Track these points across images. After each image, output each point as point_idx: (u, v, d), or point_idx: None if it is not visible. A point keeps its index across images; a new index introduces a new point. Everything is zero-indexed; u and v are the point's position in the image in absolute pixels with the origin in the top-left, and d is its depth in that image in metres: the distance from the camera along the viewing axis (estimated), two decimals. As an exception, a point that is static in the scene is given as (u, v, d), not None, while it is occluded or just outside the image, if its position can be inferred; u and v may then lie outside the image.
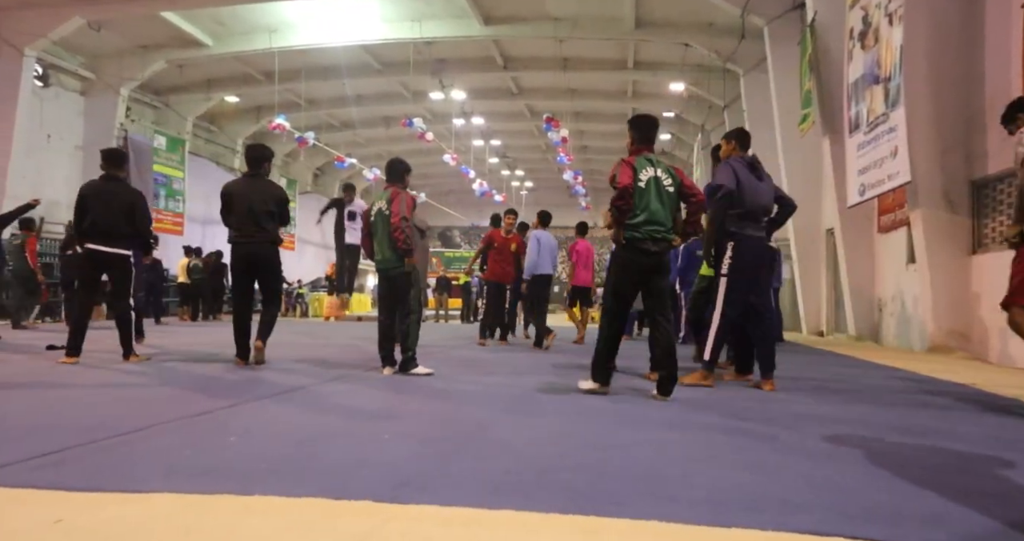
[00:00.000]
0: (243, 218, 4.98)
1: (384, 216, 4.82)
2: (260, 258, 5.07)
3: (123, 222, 5.11)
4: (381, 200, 4.92)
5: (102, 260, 5.12)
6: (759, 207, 4.23)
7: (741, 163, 4.27)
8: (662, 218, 3.80)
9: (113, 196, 5.12)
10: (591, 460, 2.33)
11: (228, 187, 5.20)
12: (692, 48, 14.00)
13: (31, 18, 12.57)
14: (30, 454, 2.24)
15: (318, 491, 1.88)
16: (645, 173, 3.86)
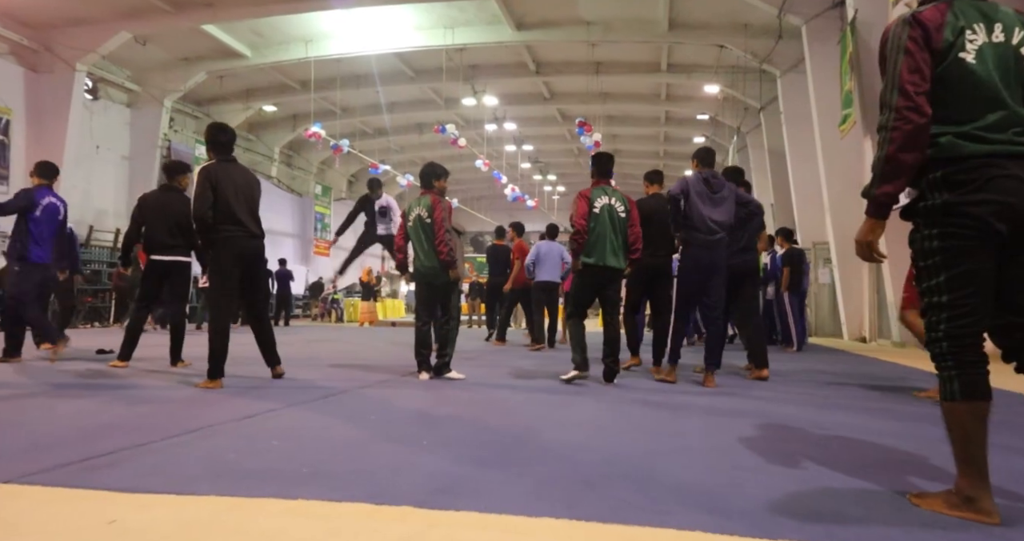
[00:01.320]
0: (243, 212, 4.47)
1: (425, 224, 4.81)
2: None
3: (178, 232, 5.20)
4: (420, 207, 4.86)
5: (164, 270, 5.22)
6: (710, 221, 4.64)
7: (697, 178, 4.73)
8: (613, 245, 4.64)
9: (168, 207, 5.24)
10: (633, 467, 2.30)
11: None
12: (727, 49, 13.81)
13: (82, 34, 13.10)
14: (85, 455, 2.31)
15: (360, 496, 1.90)
16: (600, 201, 4.66)
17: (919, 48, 1.82)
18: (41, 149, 13.48)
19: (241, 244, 4.36)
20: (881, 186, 1.89)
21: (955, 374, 1.79)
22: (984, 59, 1.81)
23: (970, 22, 1.82)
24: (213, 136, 4.49)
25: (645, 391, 4.38)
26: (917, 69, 1.81)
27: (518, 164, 24.78)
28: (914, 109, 1.79)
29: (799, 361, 7.01)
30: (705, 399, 4.03)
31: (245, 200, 4.39)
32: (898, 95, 1.82)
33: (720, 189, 4.75)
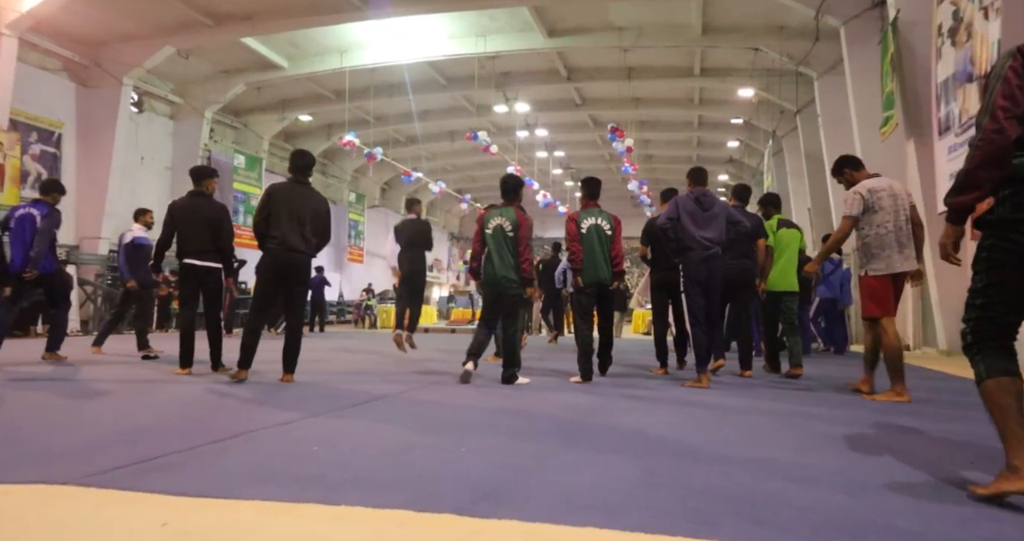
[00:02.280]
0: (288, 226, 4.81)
1: (507, 236, 5.02)
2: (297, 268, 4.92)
3: (209, 237, 5.30)
4: (502, 218, 5.05)
5: (197, 274, 5.30)
6: (703, 239, 4.99)
7: (688, 197, 5.13)
8: (600, 260, 5.22)
9: (198, 211, 5.34)
10: (678, 477, 2.26)
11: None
12: (762, 52, 13.61)
13: (129, 50, 13.59)
14: (137, 458, 2.38)
15: (401, 502, 1.91)
16: (586, 222, 5.25)
17: (1017, 76, 1.96)
18: (90, 161, 14.02)
19: (278, 257, 4.77)
20: (956, 196, 2.09)
21: (978, 358, 2.06)
22: None
23: None
24: (292, 159, 5.09)
25: (681, 397, 4.33)
26: (1011, 95, 1.95)
27: (549, 170, 24.78)
28: (999, 131, 1.95)
29: (839, 367, 6.82)
30: (742, 403, 3.96)
31: (296, 219, 4.77)
32: (988, 118, 1.97)
33: (711, 206, 5.09)
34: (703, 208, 5.06)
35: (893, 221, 4.21)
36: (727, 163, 24.78)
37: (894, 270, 4.22)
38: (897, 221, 4.22)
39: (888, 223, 4.21)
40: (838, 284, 9.39)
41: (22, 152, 12.16)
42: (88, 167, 14.00)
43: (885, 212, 4.22)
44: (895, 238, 4.20)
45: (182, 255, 5.31)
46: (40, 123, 12.87)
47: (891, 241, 4.20)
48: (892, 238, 4.20)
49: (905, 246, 4.23)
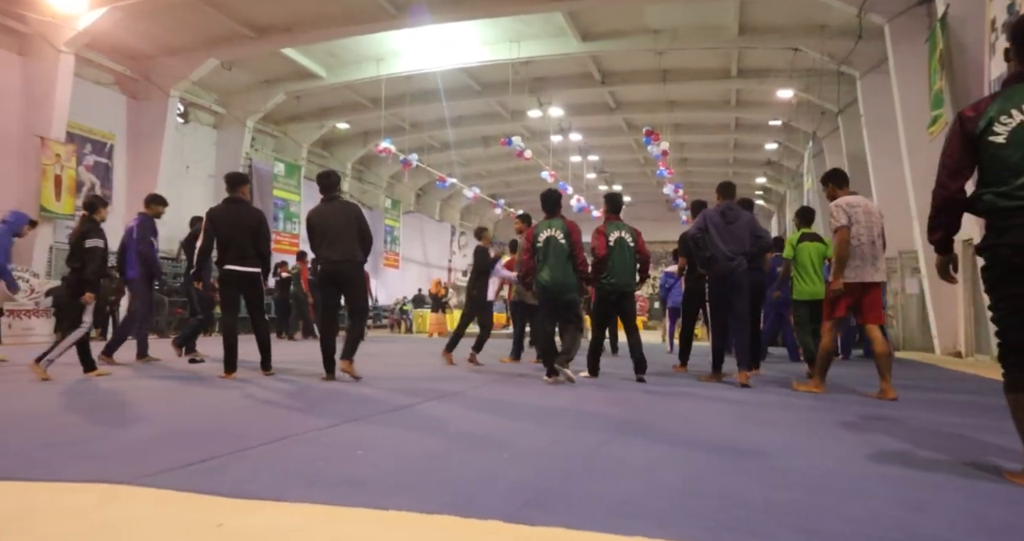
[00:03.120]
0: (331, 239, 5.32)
1: (559, 245, 5.41)
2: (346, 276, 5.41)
3: (249, 242, 5.43)
4: (553, 229, 5.46)
5: (238, 279, 5.43)
6: (728, 250, 5.32)
7: (716, 211, 5.47)
8: (626, 269, 5.64)
9: (238, 218, 5.45)
10: (722, 486, 2.22)
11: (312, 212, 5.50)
12: (802, 52, 13.33)
13: (175, 63, 14.07)
14: (189, 460, 2.45)
15: (447, 508, 1.92)
16: (613, 236, 5.68)
17: (957, 138, 2.46)
18: (139, 171, 14.54)
19: (326, 268, 5.33)
20: (930, 235, 2.62)
21: (1005, 372, 2.38)
22: (1014, 140, 2.34)
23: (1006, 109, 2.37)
24: (317, 181, 5.54)
25: (720, 402, 4.25)
26: (951, 155, 2.49)
27: (583, 174, 24.70)
28: (942, 186, 2.51)
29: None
30: (787, 413, 3.87)
31: (332, 232, 5.28)
32: (936, 177, 2.53)
33: (736, 219, 5.43)
34: (728, 221, 5.41)
35: (867, 235, 4.59)
36: (765, 165, 24.31)
37: (863, 279, 4.57)
38: (871, 235, 4.60)
39: (862, 236, 4.58)
40: None
41: (77, 163, 12.67)
42: (137, 176, 14.51)
43: (860, 226, 4.59)
44: (868, 251, 4.57)
45: (223, 261, 5.41)
46: (94, 135, 13.41)
47: (865, 253, 4.57)
48: (866, 250, 4.57)
49: (877, 259, 4.63)
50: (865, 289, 4.61)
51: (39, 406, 3.92)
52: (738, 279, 5.35)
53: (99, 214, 5.49)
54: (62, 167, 12.14)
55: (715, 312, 5.56)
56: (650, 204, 30.56)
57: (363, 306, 5.68)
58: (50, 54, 11.77)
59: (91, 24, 11.44)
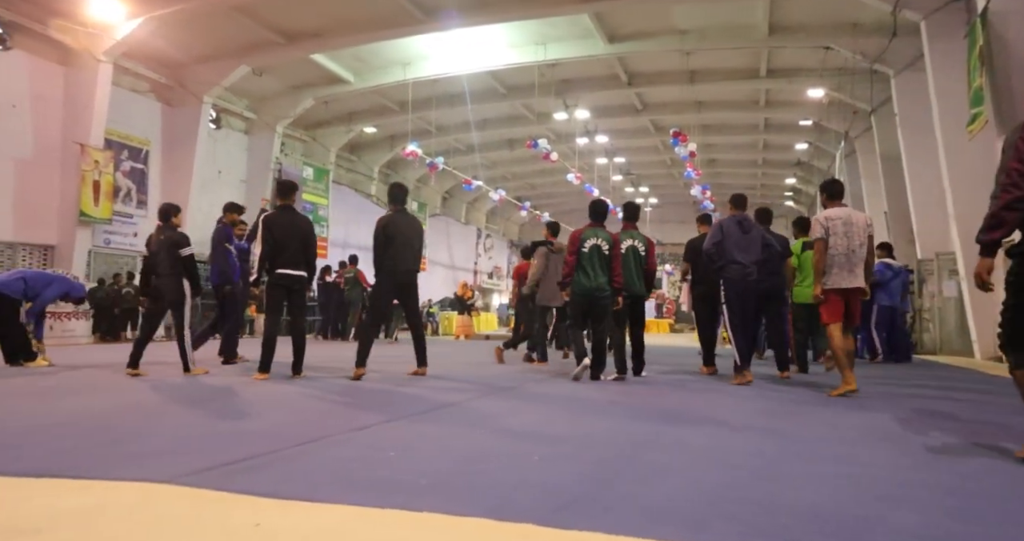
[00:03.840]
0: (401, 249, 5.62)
1: (603, 253, 5.70)
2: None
3: (300, 249, 5.61)
4: (598, 238, 5.75)
5: (288, 284, 5.57)
6: (742, 258, 5.62)
7: (731, 221, 5.75)
8: (633, 277, 5.95)
9: (294, 225, 5.63)
10: (761, 491, 2.18)
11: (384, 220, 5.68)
12: (833, 51, 13.09)
13: (208, 70, 14.39)
14: (226, 460, 2.49)
15: (481, 511, 1.92)
16: (625, 244, 5.93)
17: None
18: (173, 176, 14.89)
19: (397, 278, 5.61)
20: (987, 234, 2.73)
21: (1010, 355, 2.77)
22: None
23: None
24: (390, 191, 5.88)
25: (753, 403, 4.18)
26: (1022, 160, 2.64)
27: (609, 176, 24.59)
28: (1015, 185, 2.63)
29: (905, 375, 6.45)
30: (825, 414, 3.79)
31: (405, 241, 5.59)
32: (1005, 176, 2.67)
33: (750, 230, 5.79)
34: (744, 231, 5.75)
35: (845, 245, 4.87)
36: (795, 166, 23.91)
37: (839, 286, 4.87)
38: (849, 246, 4.86)
39: (839, 246, 4.87)
40: (898, 291, 9.00)
41: (115, 169, 13.02)
42: (171, 181, 14.86)
43: (837, 237, 4.88)
44: (845, 259, 4.86)
45: (275, 266, 5.54)
46: (130, 141, 13.77)
47: (841, 262, 4.87)
48: (843, 259, 4.86)
49: (856, 266, 4.88)
50: (844, 294, 4.93)
51: (84, 407, 4.03)
52: (750, 286, 5.71)
53: (176, 220, 5.85)
54: (100, 173, 12.49)
55: (732, 317, 5.78)
56: (677, 206, 30.29)
57: (419, 313, 6.17)
58: (90, 64, 12.13)
59: (128, 34, 11.77)
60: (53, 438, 3.00)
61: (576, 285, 5.70)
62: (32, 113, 12.04)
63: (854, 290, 4.90)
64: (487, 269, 31.86)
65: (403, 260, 5.61)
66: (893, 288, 8.90)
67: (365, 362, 5.54)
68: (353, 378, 5.41)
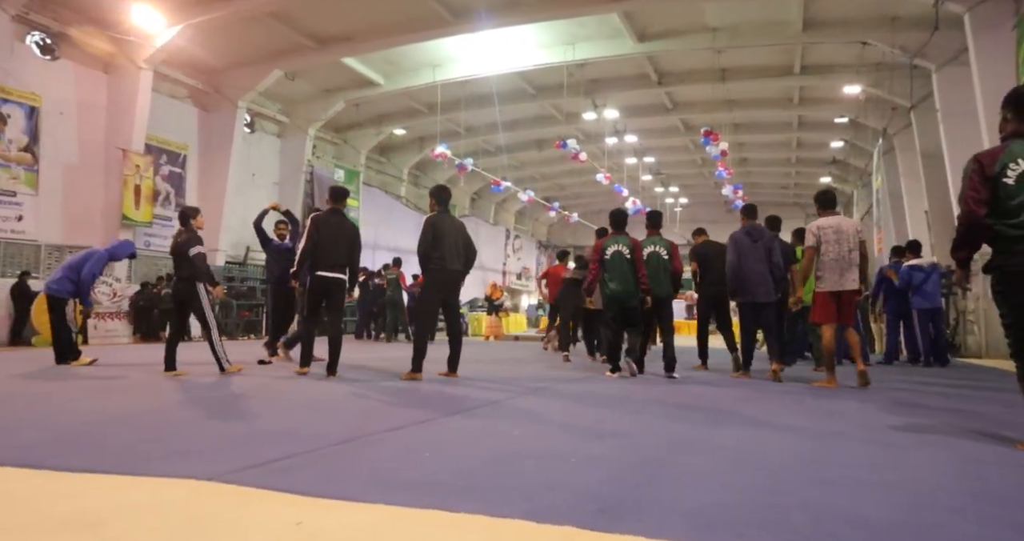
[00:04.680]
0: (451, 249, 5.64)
1: (626, 259, 6.06)
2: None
3: (345, 252, 5.75)
4: (620, 245, 6.09)
5: (328, 285, 5.69)
6: (756, 270, 6.12)
7: (741, 232, 6.26)
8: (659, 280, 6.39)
9: (340, 228, 5.79)
10: (804, 497, 2.13)
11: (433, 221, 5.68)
12: (870, 46, 12.77)
13: (242, 75, 14.69)
14: (265, 459, 2.53)
15: (519, 512, 1.91)
16: (648, 249, 6.38)
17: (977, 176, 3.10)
18: (208, 179, 15.25)
19: (442, 275, 5.57)
20: (955, 252, 3.27)
21: (1017, 364, 3.09)
22: (1021, 182, 3.01)
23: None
24: (437, 194, 5.81)
25: (787, 410, 4.10)
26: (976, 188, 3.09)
27: (639, 176, 24.39)
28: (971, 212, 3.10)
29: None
30: (865, 418, 3.69)
31: (454, 243, 5.63)
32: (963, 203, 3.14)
33: (760, 238, 6.21)
34: (753, 239, 6.19)
35: (836, 251, 5.32)
36: (830, 164, 23.38)
37: (832, 289, 5.36)
38: (840, 251, 5.32)
39: (831, 252, 5.34)
40: (936, 291, 8.72)
41: (154, 173, 13.39)
42: (207, 185, 15.22)
43: (829, 244, 5.37)
44: (837, 265, 5.32)
45: (317, 267, 5.66)
46: (169, 146, 14.14)
47: (833, 266, 5.33)
48: (835, 265, 5.33)
49: (847, 271, 5.33)
50: (839, 296, 5.38)
51: (130, 406, 4.14)
52: (767, 293, 6.22)
53: (196, 222, 5.86)
54: (141, 177, 12.86)
55: (744, 323, 6.44)
56: (707, 206, 29.88)
57: (459, 316, 6.16)
58: (131, 71, 12.51)
59: (167, 41, 12.10)
60: (104, 436, 3.09)
61: (605, 289, 6.13)
62: (78, 120, 12.46)
63: (847, 292, 5.36)
64: (515, 270, 31.87)
65: (451, 260, 5.61)
66: (928, 289, 8.60)
67: (420, 366, 5.51)
68: (403, 378, 5.47)
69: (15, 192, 10.78)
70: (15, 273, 11.33)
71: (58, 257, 12.42)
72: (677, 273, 6.55)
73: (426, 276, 5.74)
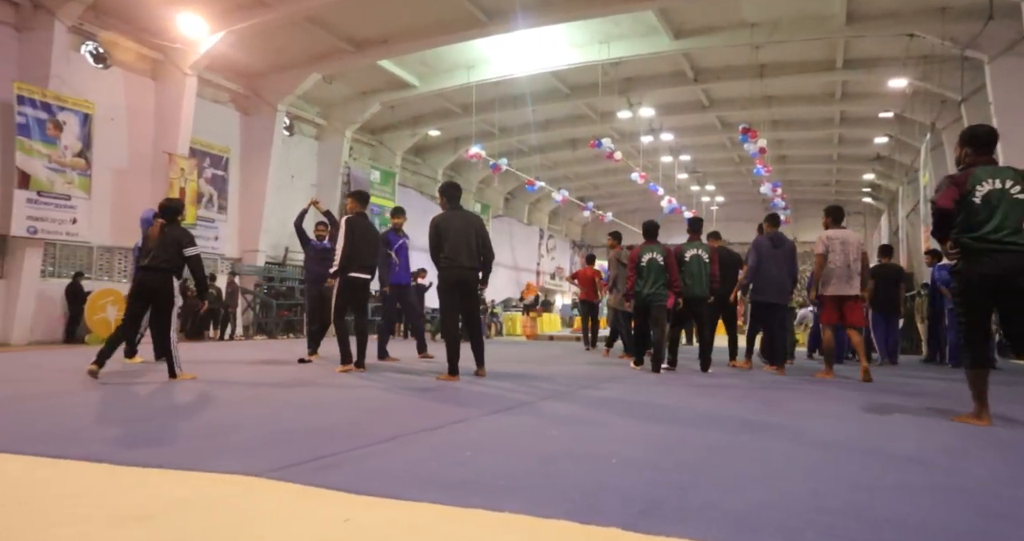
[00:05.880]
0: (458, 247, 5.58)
1: (659, 265, 6.62)
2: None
3: (371, 255, 5.99)
4: (654, 253, 6.65)
5: (359, 285, 5.96)
6: (773, 274, 6.79)
7: (765, 239, 6.97)
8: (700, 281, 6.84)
9: (370, 232, 6.04)
10: (854, 502, 2.07)
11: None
12: (918, 38, 12.35)
13: (282, 79, 15.01)
14: (310, 456, 2.58)
15: (563, 513, 1.90)
16: (689, 253, 6.87)
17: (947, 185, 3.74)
18: (249, 182, 15.62)
19: (450, 272, 5.50)
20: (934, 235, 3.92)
21: (967, 355, 3.70)
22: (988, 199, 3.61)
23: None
24: (445, 191, 5.77)
25: (829, 412, 3.99)
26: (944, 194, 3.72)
27: (674, 175, 24.10)
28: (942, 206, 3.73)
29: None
30: (914, 423, 3.57)
31: (463, 239, 5.49)
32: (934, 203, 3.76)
33: (781, 245, 6.88)
34: (775, 245, 6.85)
35: (842, 260, 6.07)
36: (873, 161, 22.71)
37: (838, 293, 6.09)
38: (845, 260, 6.06)
39: (837, 261, 6.08)
40: None
41: (198, 176, 13.78)
42: (248, 187, 15.59)
43: (835, 253, 6.10)
44: (843, 272, 6.06)
45: (348, 269, 5.82)
46: (212, 149, 14.53)
47: (840, 274, 6.07)
48: (841, 272, 6.07)
49: (851, 278, 6.07)
50: (843, 300, 6.11)
51: (177, 402, 4.27)
52: (784, 298, 6.91)
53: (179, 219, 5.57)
54: (186, 180, 13.24)
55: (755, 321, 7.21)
56: (745, 204, 29.35)
57: (478, 316, 6.07)
58: (177, 77, 12.90)
59: (211, 47, 12.45)
60: (154, 430, 3.19)
61: (639, 294, 6.74)
62: (128, 126, 12.91)
63: (851, 297, 6.09)
64: (549, 270, 31.81)
65: (457, 256, 5.46)
66: None
67: (456, 368, 5.53)
68: (440, 379, 5.52)
69: (70, 196, 11.22)
70: (70, 274, 11.81)
71: (108, 258, 12.89)
72: (714, 277, 6.99)
73: (438, 276, 5.76)
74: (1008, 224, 3.54)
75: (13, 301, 10.83)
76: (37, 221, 10.78)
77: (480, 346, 5.86)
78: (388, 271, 7.33)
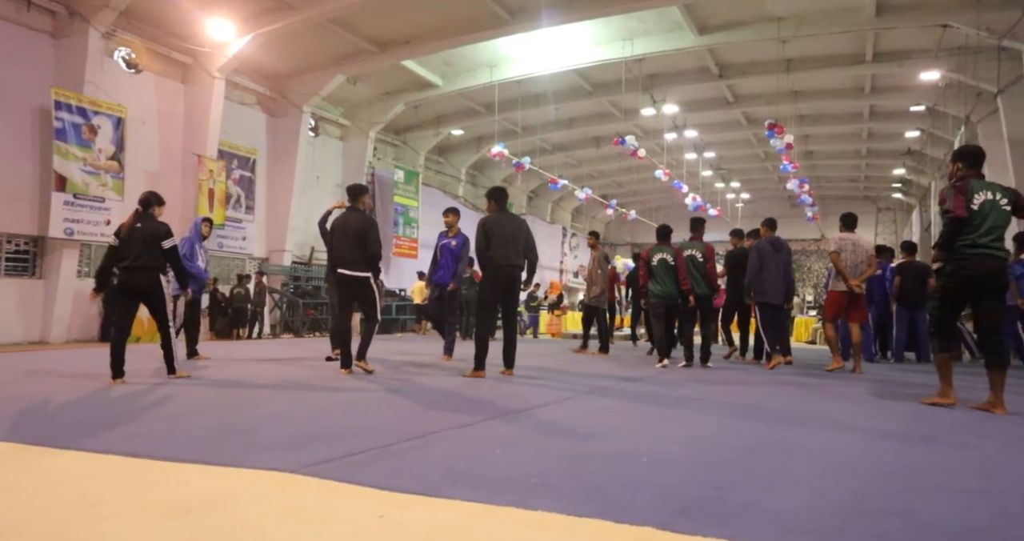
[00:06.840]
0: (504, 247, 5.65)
1: (670, 265, 7.03)
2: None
3: (357, 248, 5.64)
4: (664, 253, 7.04)
5: (347, 282, 5.75)
6: (771, 278, 7.06)
7: (766, 242, 7.24)
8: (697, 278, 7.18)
9: (347, 226, 5.73)
10: (898, 504, 2.03)
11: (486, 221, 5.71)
12: (952, 29, 12.03)
13: (307, 81, 15.18)
14: (342, 453, 2.60)
15: (596, 512, 1.90)
16: (686, 253, 7.20)
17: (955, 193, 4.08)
18: (276, 183, 15.83)
19: (496, 271, 5.62)
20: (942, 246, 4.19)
21: (936, 342, 4.24)
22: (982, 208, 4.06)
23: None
24: (493, 194, 5.92)
25: (862, 411, 3.91)
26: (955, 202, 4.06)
27: (699, 172, 23.83)
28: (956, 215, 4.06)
29: None
30: (956, 422, 3.48)
31: (512, 240, 5.66)
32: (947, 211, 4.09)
33: (780, 249, 7.21)
34: (776, 248, 7.17)
35: (852, 260, 6.70)
36: (904, 155, 22.19)
37: (843, 289, 6.68)
38: (854, 260, 6.70)
39: (848, 261, 6.69)
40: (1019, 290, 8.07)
41: (226, 177, 14.01)
42: (274, 188, 15.81)
43: (847, 253, 6.72)
44: (852, 271, 6.66)
45: (334, 265, 5.79)
46: (239, 151, 14.75)
47: (850, 273, 6.64)
48: (851, 271, 6.65)
49: (859, 277, 6.67)
50: (850, 297, 6.68)
51: (210, 400, 4.34)
52: (786, 298, 7.29)
53: (158, 211, 5.44)
54: (214, 181, 13.46)
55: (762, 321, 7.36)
56: (771, 201, 28.90)
57: (516, 315, 6.12)
58: (206, 80, 13.13)
59: (238, 51, 12.63)
60: (190, 427, 3.24)
61: (652, 293, 7.13)
62: (159, 129, 13.16)
63: (856, 294, 6.67)
64: (572, 268, 31.72)
65: (507, 255, 5.59)
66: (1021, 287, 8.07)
67: (483, 364, 5.59)
68: (467, 376, 5.55)
69: (104, 198, 11.49)
70: (103, 274, 12.07)
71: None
72: (711, 274, 7.25)
73: (483, 274, 5.84)
74: (996, 232, 4.06)
75: (51, 301, 11.12)
76: (73, 223, 11.06)
77: (512, 346, 5.87)
78: (433, 269, 7.25)
